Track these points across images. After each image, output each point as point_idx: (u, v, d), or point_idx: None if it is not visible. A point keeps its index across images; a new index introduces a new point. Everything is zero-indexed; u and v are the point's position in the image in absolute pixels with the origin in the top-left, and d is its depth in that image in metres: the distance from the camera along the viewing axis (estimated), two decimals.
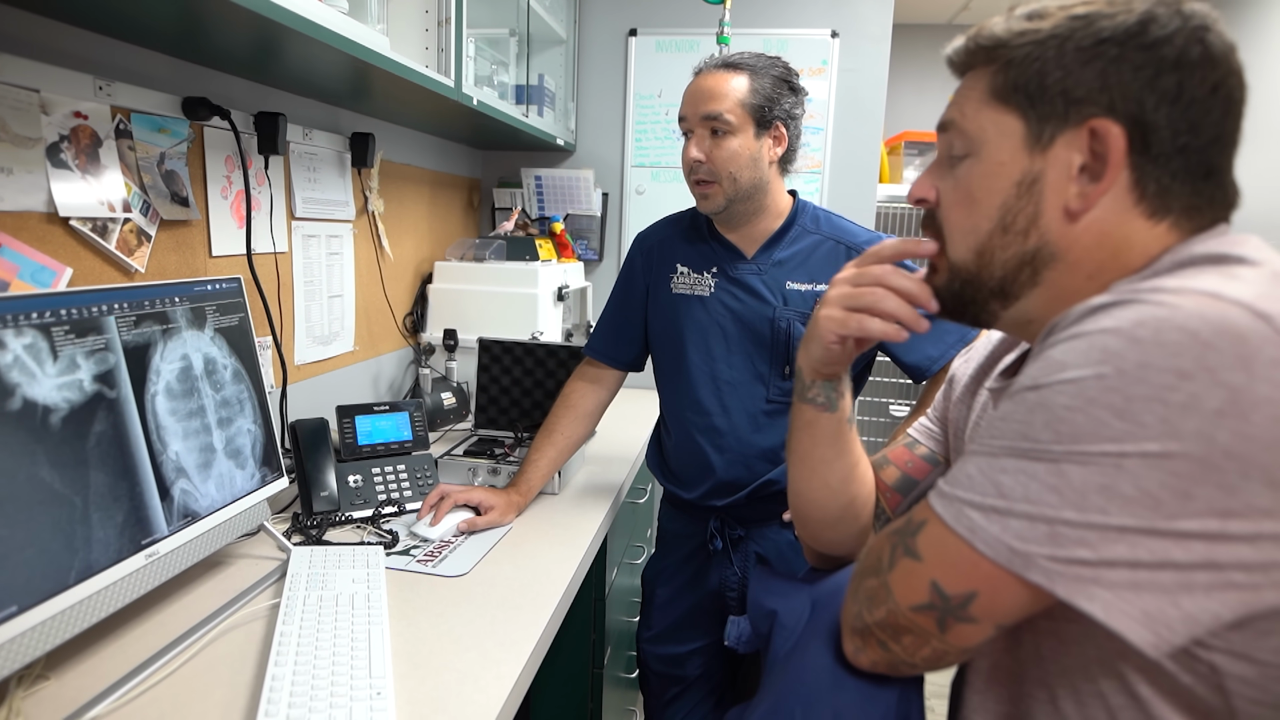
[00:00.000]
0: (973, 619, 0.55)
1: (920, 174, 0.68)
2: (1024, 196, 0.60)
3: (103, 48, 1.09)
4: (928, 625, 0.57)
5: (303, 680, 0.82)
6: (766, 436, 1.34)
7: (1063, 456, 0.49)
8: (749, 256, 1.35)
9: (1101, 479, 0.48)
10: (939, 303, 0.68)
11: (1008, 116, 0.60)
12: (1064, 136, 0.58)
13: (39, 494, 0.79)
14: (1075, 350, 0.50)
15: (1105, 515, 0.48)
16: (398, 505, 1.35)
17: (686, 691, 1.49)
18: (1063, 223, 0.59)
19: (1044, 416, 0.51)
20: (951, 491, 0.56)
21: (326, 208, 1.66)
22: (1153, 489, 0.47)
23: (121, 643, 0.92)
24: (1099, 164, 0.57)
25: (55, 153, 1.01)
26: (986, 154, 0.61)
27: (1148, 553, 0.47)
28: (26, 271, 0.98)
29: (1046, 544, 0.50)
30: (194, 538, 0.99)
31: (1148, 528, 0.47)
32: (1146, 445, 0.47)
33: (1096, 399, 0.48)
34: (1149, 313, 0.48)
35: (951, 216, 0.64)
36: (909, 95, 3.27)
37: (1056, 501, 0.50)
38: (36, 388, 0.80)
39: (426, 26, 1.46)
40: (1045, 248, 0.60)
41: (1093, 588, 0.49)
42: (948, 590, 0.55)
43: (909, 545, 0.58)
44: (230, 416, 1.08)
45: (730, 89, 1.23)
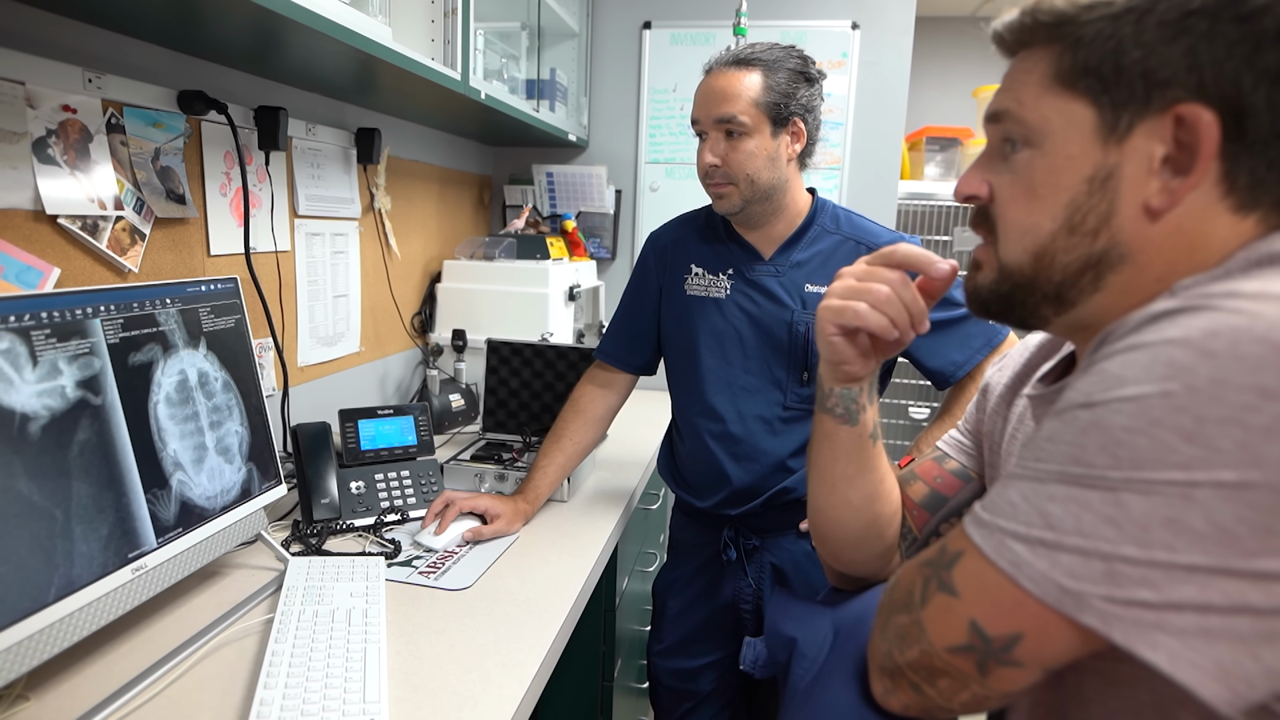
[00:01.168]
0: (1017, 663, 0.49)
1: (969, 168, 0.62)
2: (1096, 194, 0.53)
3: (92, 38, 1.04)
4: (966, 668, 0.51)
5: (292, 704, 0.78)
6: (783, 444, 1.28)
7: (1121, 485, 0.44)
8: (766, 257, 1.29)
9: (1168, 511, 0.42)
10: (982, 304, 0.62)
11: (1076, 104, 0.53)
12: (1144, 125, 0.51)
13: (15, 507, 0.75)
14: (1136, 364, 0.45)
15: (1172, 552, 0.42)
16: (401, 513, 1.31)
17: (699, 708, 1.44)
18: (1140, 221, 0.52)
19: (1099, 439, 0.45)
20: (992, 520, 0.50)
21: (331, 205, 1.61)
22: (1228, 523, 0.41)
23: (106, 661, 0.88)
24: (1186, 155, 0.50)
25: (42, 148, 0.97)
26: (1051, 146, 0.55)
27: (1221, 596, 0.42)
28: (11, 272, 0.94)
29: (1103, 583, 0.44)
30: (185, 549, 0.95)
31: (1222, 567, 0.41)
32: (1221, 473, 0.41)
33: (1162, 420, 0.43)
34: (1224, 321, 0.43)
35: (1008, 214, 0.58)
36: (931, 89, 3.19)
37: (1115, 535, 0.44)
38: (14, 395, 0.76)
39: (432, 18, 1.41)
40: (1115, 249, 0.53)
41: (1156, 634, 0.43)
42: (989, 631, 0.49)
43: (944, 579, 0.52)
44: (220, 420, 1.04)
45: (743, 88, 1.17)
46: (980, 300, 0.62)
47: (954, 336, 1.26)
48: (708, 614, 1.39)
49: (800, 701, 0.66)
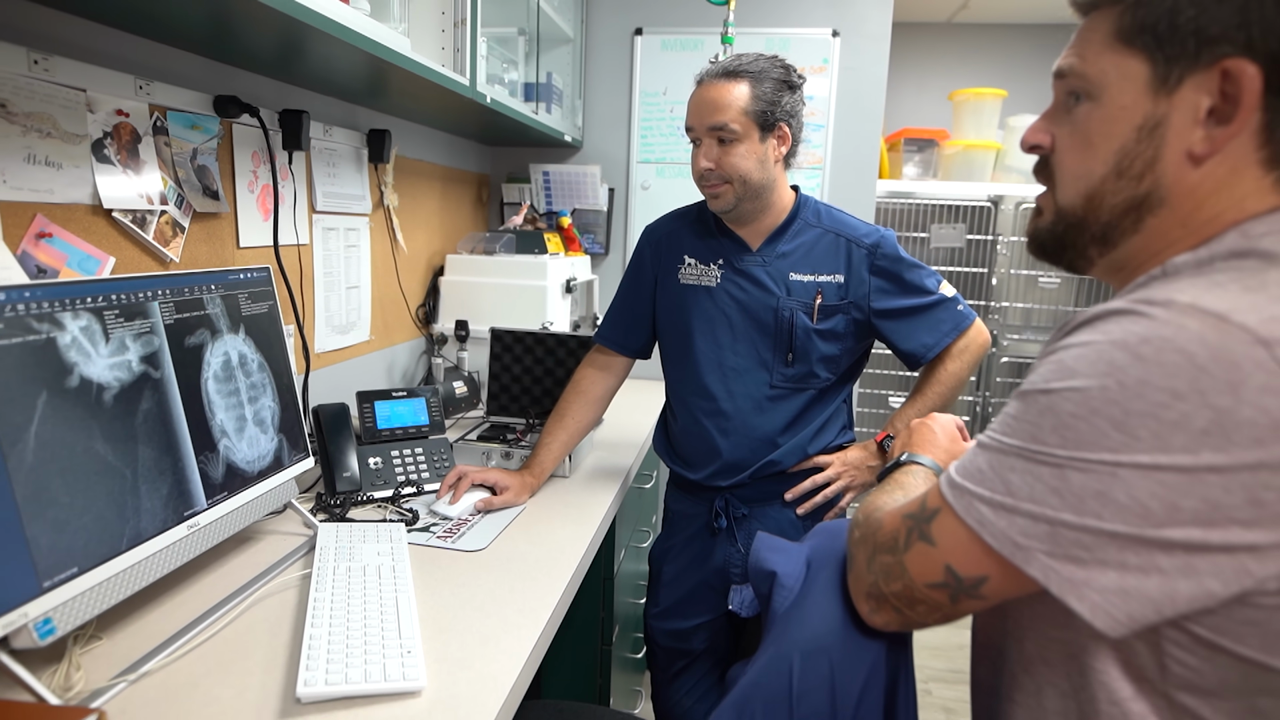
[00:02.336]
0: (982, 597, 0.60)
1: (1036, 120, 0.68)
2: (1144, 141, 0.58)
3: (143, 49, 1.15)
4: (941, 599, 0.62)
5: (338, 639, 0.89)
6: (769, 420, 1.41)
7: (1066, 462, 0.53)
8: (754, 249, 1.41)
9: (1098, 485, 0.51)
10: (1039, 245, 0.68)
11: (1132, 59, 0.58)
12: (1193, 78, 0.56)
13: (95, 465, 0.85)
14: (1084, 358, 0.53)
15: (1100, 520, 0.51)
16: (416, 486, 1.42)
17: (692, 665, 1.55)
18: (1182, 167, 0.58)
19: (1052, 421, 0.54)
20: (964, 484, 0.59)
21: (345, 201, 1.72)
22: (1143, 498, 0.50)
23: (165, 608, 0.98)
24: (1230, 106, 0.55)
25: (100, 148, 1.07)
26: (1108, 98, 0.60)
27: (1135, 558, 0.51)
28: (74, 259, 1.04)
29: (1046, 541, 0.54)
30: (230, 511, 1.05)
31: (1137, 535, 0.50)
32: (1140, 457, 0.50)
33: (1099, 410, 0.51)
34: (1155, 331, 0.51)
35: (1065, 161, 0.64)
36: (908, 93, 3.32)
37: (1058, 503, 0.53)
38: (92, 367, 0.87)
39: (443, 27, 1.52)
40: (1156, 192, 0.59)
41: (1084, 589, 0.52)
42: (962, 573, 0.60)
43: (924, 531, 0.63)
44: (256, 396, 1.15)
45: (733, 98, 1.29)
46: (1039, 241, 0.68)
47: (925, 322, 1.39)
48: (700, 578, 1.51)
49: (781, 621, 0.77)
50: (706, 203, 1.39)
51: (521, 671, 0.89)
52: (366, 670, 0.84)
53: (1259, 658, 0.52)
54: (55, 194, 1.02)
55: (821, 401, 1.44)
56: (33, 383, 0.79)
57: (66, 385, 0.83)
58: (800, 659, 0.70)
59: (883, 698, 0.70)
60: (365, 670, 0.84)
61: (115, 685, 0.81)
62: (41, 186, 1.00)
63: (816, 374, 1.41)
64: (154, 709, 0.79)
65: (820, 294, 1.38)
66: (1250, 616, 0.51)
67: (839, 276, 1.38)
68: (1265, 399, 0.47)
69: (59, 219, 1.03)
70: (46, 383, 0.80)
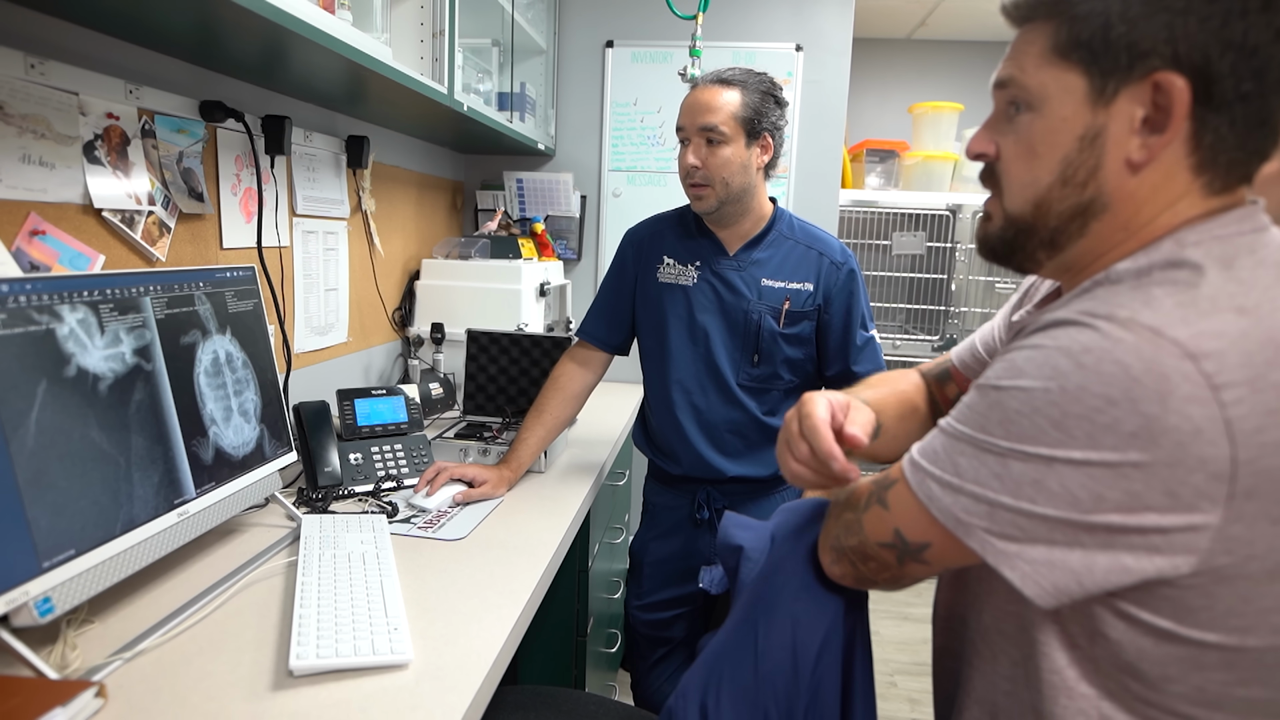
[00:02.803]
0: (925, 561, 0.67)
1: (979, 128, 0.71)
2: (1086, 150, 0.62)
3: (133, 55, 1.18)
4: (889, 559, 0.69)
5: (327, 617, 0.93)
6: (736, 412, 1.49)
7: (1008, 452, 0.58)
8: (731, 254, 1.48)
9: (1035, 475, 0.57)
10: (990, 249, 0.72)
11: (1070, 73, 0.61)
12: (1127, 90, 0.59)
13: (91, 452, 0.89)
14: (1033, 361, 0.58)
15: (1034, 504, 0.57)
16: (396, 481, 1.45)
17: (671, 654, 1.61)
18: (1121, 175, 0.62)
19: (999, 415, 0.59)
20: (920, 462, 0.65)
21: (324, 205, 1.76)
22: (1073, 488, 0.55)
23: (155, 594, 1.01)
24: (1162, 116, 0.59)
25: (90, 150, 1.10)
26: (1049, 110, 0.63)
27: (1063, 537, 0.57)
28: (65, 257, 1.07)
29: (985, 519, 0.60)
30: (217, 500, 1.09)
31: (1065, 519, 0.56)
32: (1073, 453, 0.55)
33: (1040, 409, 0.57)
34: (1096, 341, 0.56)
35: (1012, 170, 0.67)
36: (870, 105, 3.43)
37: (998, 487, 0.59)
38: (88, 357, 0.90)
39: (422, 38, 1.57)
40: (1099, 198, 0.63)
41: (1016, 560, 0.59)
42: (908, 538, 0.66)
43: (882, 497, 0.69)
44: (240, 390, 1.18)
45: (724, 103, 1.37)
46: (989, 246, 0.72)
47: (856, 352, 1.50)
48: (682, 569, 1.57)
49: (748, 590, 0.83)
50: (689, 205, 1.47)
51: (503, 647, 0.94)
52: (355, 644, 0.88)
53: (1172, 628, 0.58)
54: (48, 193, 1.05)
55: (787, 403, 1.51)
56: (33, 371, 0.82)
57: (65, 375, 0.86)
58: (764, 620, 0.76)
59: (840, 655, 0.77)
60: (354, 644, 0.88)
61: (111, 663, 0.85)
62: (35, 186, 1.03)
63: (780, 375, 1.49)
64: (150, 684, 0.82)
65: (789, 300, 1.46)
66: (1165, 593, 0.57)
67: (808, 285, 1.46)
68: (1189, 408, 0.52)
69: (51, 217, 1.06)
70: (46, 372, 0.84)
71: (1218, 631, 0.57)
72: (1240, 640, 0.57)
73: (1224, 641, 0.57)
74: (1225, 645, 0.57)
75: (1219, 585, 0.56)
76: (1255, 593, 0.56)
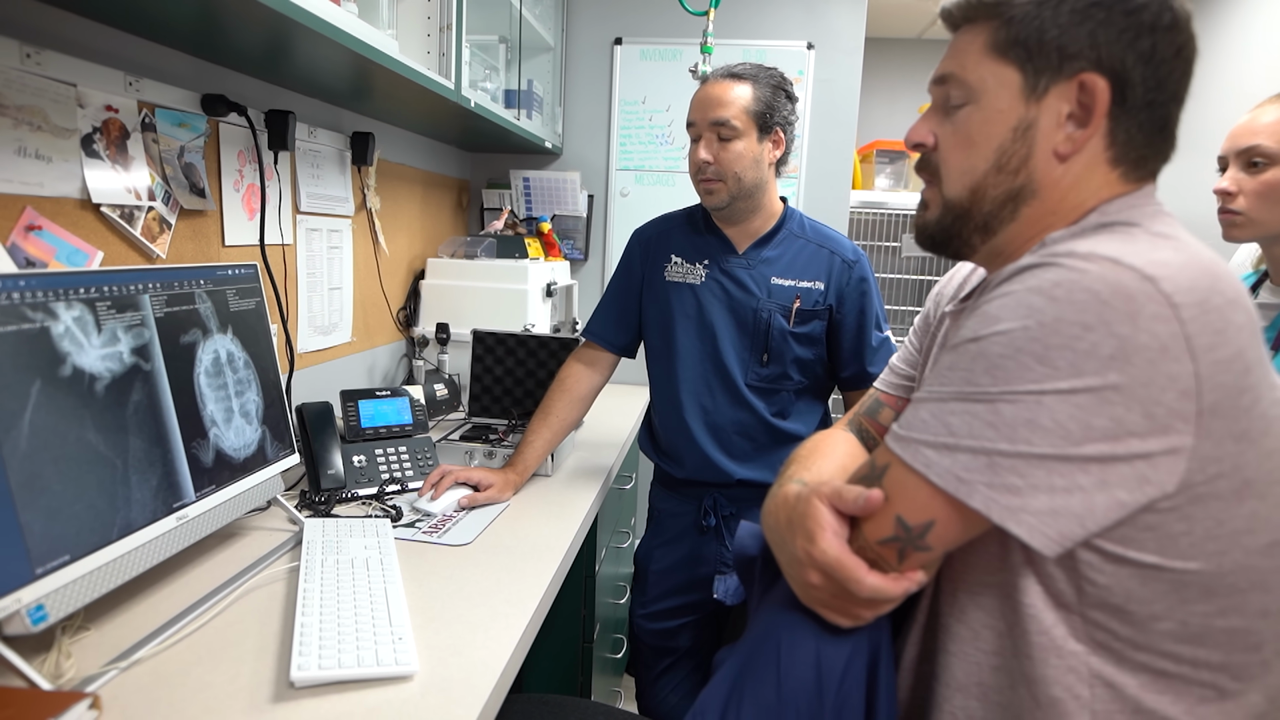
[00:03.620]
0: (928, 547, 0.64)
1: (917, 120, 0.76)
2: (1019, 140, 0.68)
3: (133, 46, 1.16)
4: (890, 556, 0.66)
5: (330, 627, 0.90)
6: (744, 413, 1.46)
7: (997, 397, 0.59)
8: (740, 252, 1.45)
9: (1027, 414, 0.58)
10: (929, 237, 0.76)
11: (1007, 69, 0.68)
12: (1056, 88, 0.66)
13: (87, 454, 0.86)
14: (1006, 307, 0.60)
15: (1030, 445, 0.58)
16: (400, 484, 1.42)
17: (677, 664, 1.58)
18: (1049, 163, 0.68)
19: (983, 364, 0.60)
20: (908, 434, 0.65)
21: (328, 203, 1.73)
22: (1063, 419, 0.57)
23: (152, 600, 0.98)
24: (1085, 113, 0.66)
25: (89, 143, 1.08)
26: (986, 102, 0.69)
27: (1061, 479, 0.57)
28: (63, 253, 1.04)
29: (985, 473, 0.59)
30: (217, 504, 1.06)
31: (1060, 454, 0.57)
32: (1059, 383, 0.57)
33: (1023, 347, 0.58)
34: (1064, 275, 0.58)
35: (950, 158, 0.72)
36: (880, 105, 3.40)
37: (994, 435, 0.59)
38: (84, 357, 0.87)
39: (429, 32, 1.54)
40: (1029, 185, 0.69)
41: (1021, 514, 0.58)
42: (910, 522, 0.64)
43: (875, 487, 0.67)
44: (241, 390, 1.15)
45: (736, 97, 1.34)
46: (928, 234, 0.76)
47: (871, 354, 1.47)
48: (687, 578, 1.54)
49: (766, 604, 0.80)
50: (698, 202, 1.44)
51: (511, 657, 0.91)
52: (359, 655, 0.85)
53: (1156, 560, 0.60)
54: (45, 187, 1.02)
55: (797, 405, 1.48)
56: (27, 370, 0.79)
57: (59, 374, 0.84)
58: (787, 636, 0.73)
59: (865, 673, 0.73)
60: (358, 655, 0.85)
61: (107, 672, 0.82)
62: (31, 179, 1.00)
63: (790, 375, 1.45)
64: (146, 695, 0.79)
65: (799, 299, 1.43)
66: (1150, 522, 0.59)
67: (819, 284, 1.43)
68: (1155, 325, 0.55)
69: (48, 212, 1.03)
70: (40, 371, 0.81)
71: (1197, 559, 0.60)
72: (1218, 565, 0.60)
73: (1203, 568, 0.60)
74: (1205, 571, 0.60)
75: (1194, 506, 0.58)
76: (1227, 513, 0.59)
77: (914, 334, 0.95)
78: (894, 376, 0.96)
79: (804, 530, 0.69)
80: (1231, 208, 1.28)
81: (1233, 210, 1.28)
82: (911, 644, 0.78)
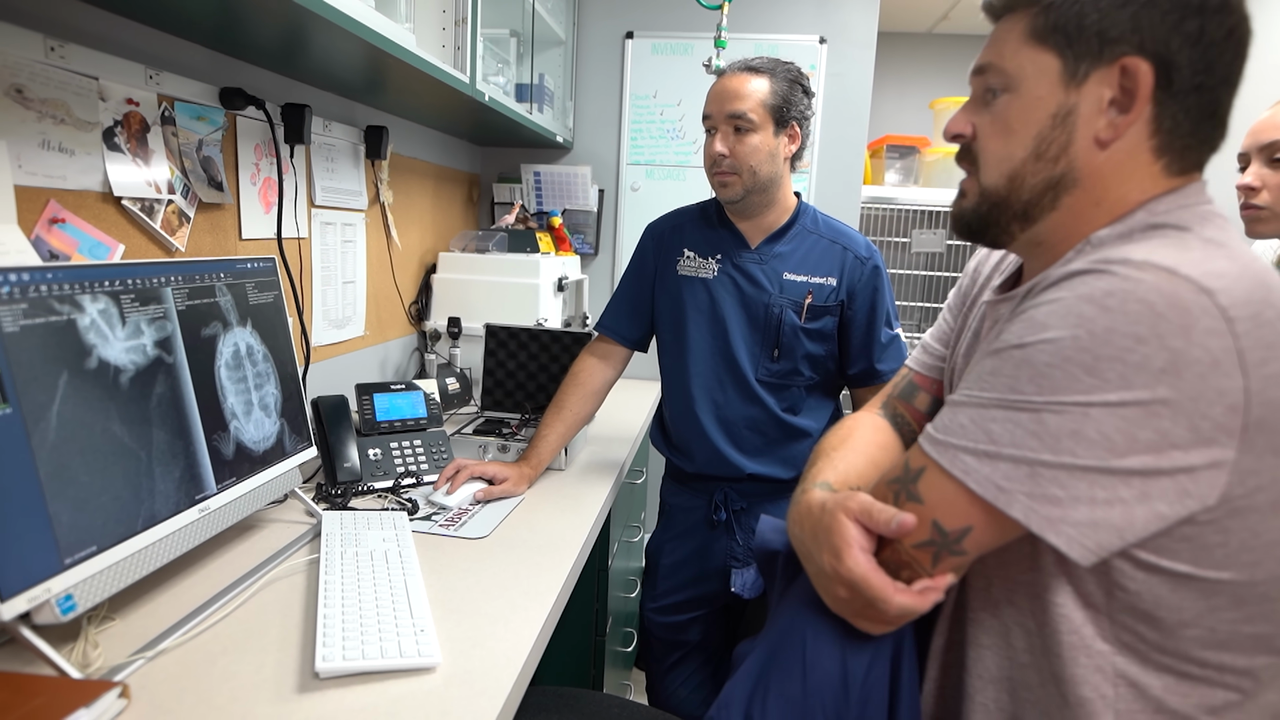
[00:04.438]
0: (963, 552, 0.64)
1: (957, 112, 0.75)
2: (1058, 127, 0.66)
3: (153, 40, 1.16)
4: (924, 560, 0.66)
5: (352, 618, 0.91)
6: (755, 408, 1.46)
7: (1042, 407, 0.58)
8: (753, 246, 1.45)
9: (1073, 425, 0.57)
10: (965, 225, 0.75)
11: (1046, 55, 0.66)
12: (1097, 73, 0.64)
13: (112, 446, 0.86)
14: (1055, 314, 0.59)
15: (1075, 457, 0.57)
16: (416, 477, 1.43)
17: (687, 657, 1.58)
18: (1090, 151, 0.66)
19: (1028, 372, 0.59)
20: (946, 439, 0.64)
21: (342, 197, 1.73)
22: (1109, 432, 0.56)
23: (175, 591, 0.99)
24: (1127, 98, 0.64)
25: (110, 137, 1.08)
26: (1025, 89, 0.68)
27: (1103, 491, 0.57)
28: (85, 246, 1.05)
29: (1027, 483, 0.58)
30: (238, 496, 1.06)
31: (1104, 467, 0.56)
32: (1108, 395, 0.56)
33: (1072, 357, 0.57)
34: (1117, 285, 0.57)
35: (989, 146, 0.71)
36: (892, 100, 3.39)
37: (1037, 445, 0.58)
38: (109, 349, 0.88)
39: (444, 25, 1.54)
40: (1070, 173, 0.67)
41: (1061, 525, 0.58)
42: (946, 527, 0.64)
43: (911, 491, 0.66)
44: (260, 383, 1.16)
45: (753, 90, 1.34)
46: (964, 222, 0.75)
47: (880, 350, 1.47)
48: (698, 572, 1.54)
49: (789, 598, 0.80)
50: (711, 199, 1.44)
51: (531, 649, 0.92)
52: (382, 646, 0.86)
53: (1189, 570, 0.59)
54: (68, 180, 1.02)
55: (808, 400, 1.48)
56: (55, 362, 0.80)
57: (86, 366, 0.84)
58: (812, 631, 0.73)
59: (889, 667, 0.74)
60: (381, 646, 0.86)
61: (134, 661, 0.83)
62: (55, 172, 1.00)
63: (801, 371, 1.45)
64: (174, 684, 0.80)
65: (811, 294, 1.42)
66: (1187, 533, 0.58)
67: (832, 279, 1.43)
68: (1209, 340, 0.55)
69: (71, 205, 1.04)
70: (67, 363, 0.82)
71: (1231, 569, 0.59)
72: (1250, 575, 0.59)
73: (1236, 578, 0.59)
74: (1237, 581, 0.59)
75: (1232, 519, 0.58)
76: (1264, 525, 0.58)
77: (948, 310, 0.95)
78: (926, 355, 0.95)
79: (830, 546, 0.69)
80: (1255, 203, 1.28)
81: (1256, 205, 1.28)
82: (939, 633, 0.78)
